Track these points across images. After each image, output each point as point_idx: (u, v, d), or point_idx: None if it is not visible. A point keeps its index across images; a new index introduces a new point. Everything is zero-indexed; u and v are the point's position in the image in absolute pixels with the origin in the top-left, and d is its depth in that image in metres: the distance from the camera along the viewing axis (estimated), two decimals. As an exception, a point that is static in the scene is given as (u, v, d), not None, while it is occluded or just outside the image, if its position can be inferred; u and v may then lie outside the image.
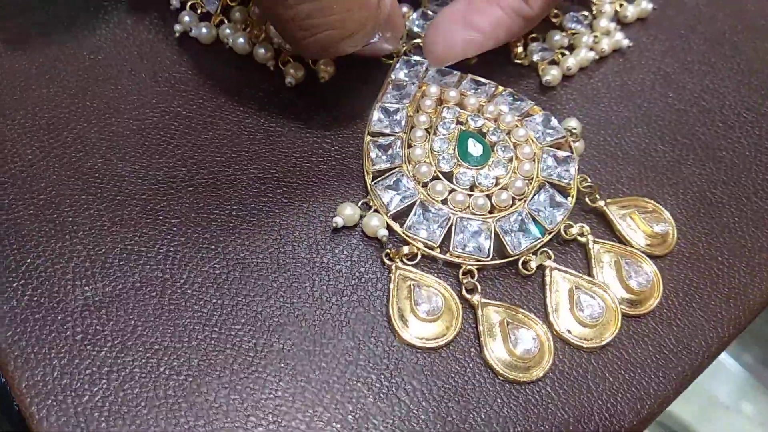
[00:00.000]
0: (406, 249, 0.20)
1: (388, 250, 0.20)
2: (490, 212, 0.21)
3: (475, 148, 0.21)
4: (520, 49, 0.25)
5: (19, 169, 0.21)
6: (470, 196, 0.21)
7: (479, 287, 0.20)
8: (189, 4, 0.24)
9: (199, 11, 0.24)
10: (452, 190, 0.21)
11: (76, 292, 0.19)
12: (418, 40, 0.25)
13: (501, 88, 0.23)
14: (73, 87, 0.22)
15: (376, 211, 0.21)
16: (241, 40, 0.23)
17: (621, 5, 0.27)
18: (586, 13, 0.27)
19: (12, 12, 0.24)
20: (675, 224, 0.22)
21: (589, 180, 0.22)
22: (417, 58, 0.24)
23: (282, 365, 0.18)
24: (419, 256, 0.20)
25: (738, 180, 0.24)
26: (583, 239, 0.21)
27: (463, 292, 0.20)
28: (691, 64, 0.26)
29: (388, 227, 0.20)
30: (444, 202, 0.21)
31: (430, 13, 0.25)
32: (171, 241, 0.20)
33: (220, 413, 0.18)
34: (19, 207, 0.20)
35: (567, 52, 0.25)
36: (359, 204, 0.21)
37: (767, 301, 0.21)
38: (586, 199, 0.22)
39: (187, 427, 0.17)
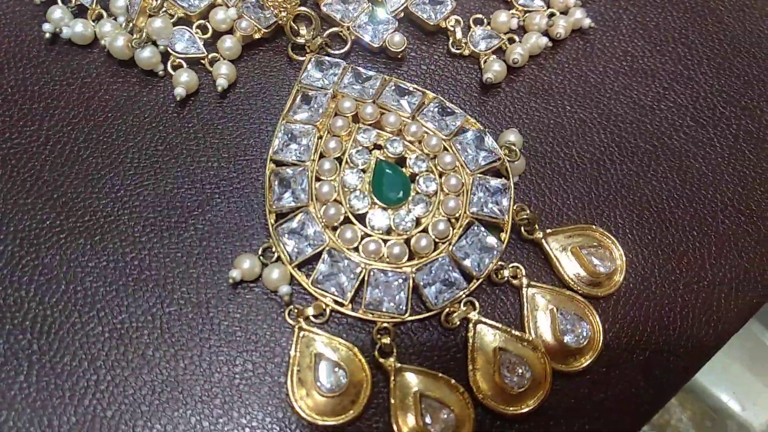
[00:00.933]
0: (311, 309, 0.17)
1: (291, 307, 0.18)
2: (409, 259, 0.18)
3: (392, 186, 0.18)
4: (459, 35, 0.21)
5: None
6: (385, 242, 0.18)
7: (395, 349, 0.17)
8: (57, -4, 0.20)
9: (71, 4, 0.20)
10: (365, 235, 0.18)
11: None
12: (336, 29, 0.21)
13: (430, 95, 0.20)
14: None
15: (279, 259, 0.18)
16: (120, 41, 0.20)
17: (583, -30, 0.23)
18: (539, -15, 0.22)
19: None
20: (624, 257, 0.19)
21: (527, 210, 0.19)
22: (330, 59, 0.20)
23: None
24: (328, 314, 0.18)
25: (705, 196, 0.21)
26: (516, 282, 0.18)
27: (376, 353, 0.17)
28: (664, 44, 0.22)
29: (292, 279, 0.18)
30: (356, 249, 0.18)
31: (350, -7, 0.21)
32: (39, 304, 0.17)
33: None
34: None
35: (516, 38, 0.22)
36: (260, 250, 0.18)
37: (720, 347, 0.19)
38: (523, 230, 0.19)
39: None
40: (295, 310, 0.18)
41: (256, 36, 0.21)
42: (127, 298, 0.18)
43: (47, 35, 0.20)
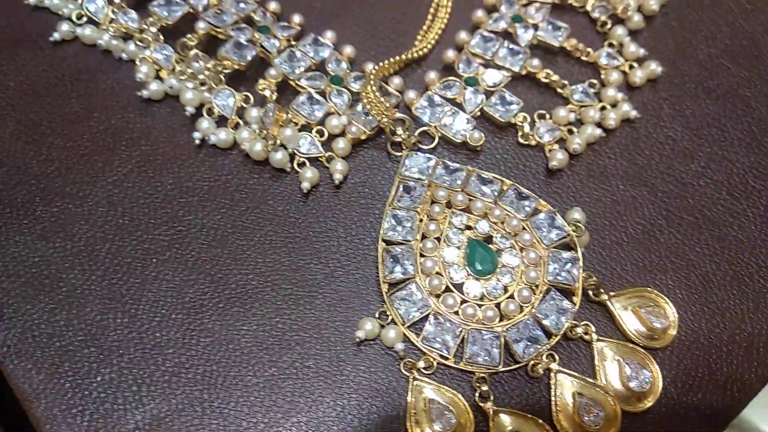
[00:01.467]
0: (421, 363, 0.22)
1: (406, 361, 0.22)
2: (500, 320, 0.22)
3: (483, 261, 0.22)
4: (527, 129, 0.26)
5: (65, 294, 0.23)
6: (480, 306, 0.22)
7: (492, 395, 0.22)
8: (204, 108, 0.26)
9: (214, 114, 0.26)
10: (463, 301, 0.22)
11: (128, 416, 0.21)
12: (425, 128, 0.26)
13: (507, 183, 0.24)
14: (103, 204, 0.24)
15: (393, 321, 0.22)
16: (258, 146, 0.25)
17: (630, 67, 0.27)
18: (594, 81, 0.27)
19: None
20: (677, 314, 0.23)
21: (594, 277, 0.23)
22: (423, 155, 0.25)
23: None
24: (435, 366, 0.22)
25: (741, 259, 0.24)
26: (587, 337, 0.22)
27: (477, 398, 0.22)
28: (700, 129, 0.27)
29: (405, 337, 0.22)
30: (456, 312, 0.22)
31: (436, 98, 0.26)
32: (206, 361, 0.22)
33: None
34: (69, 333, 0.22)
35: (574, 129, 0.26)
36: (377, 314, 0.23)
37: (762, 387, 0.23)
38: (591, 294, 0.23)
39: None
40: (409, 363, 0.22)
41: (362, 137, 0.25)
42: (275, 355, 0.22)
43: (197, 141, 0.25)
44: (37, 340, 0.22)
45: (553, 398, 0.22)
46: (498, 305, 0.22)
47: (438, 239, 0.23)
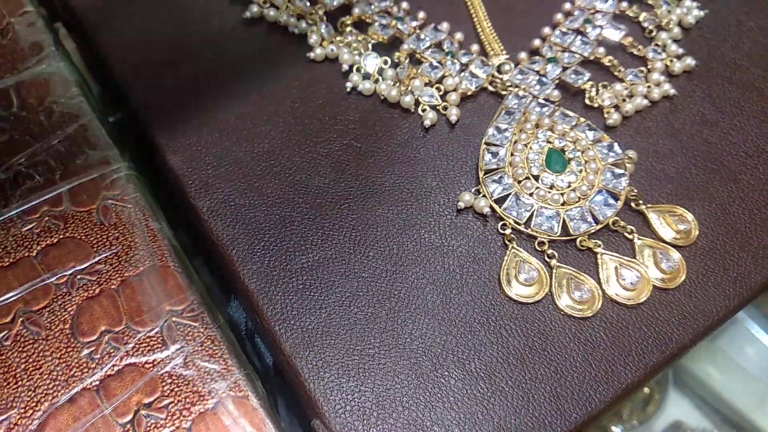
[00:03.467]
0: (508, 230, 0.30)
1: (504, 234, 0.30)
2: (562, 205, 0.30)
3: (556, 164, 0.31)
4: (594, 94, 0.35)
5: (253, 181, 0.32)
6: (549, 192, 0.31)
7: (557, 255, 0.30)
8: (354, 66, 0.35)
9: (362, 71, 0.35)
10: (537, 188, 0.31)
11: (297, 259, 0.30)
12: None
13: (582, 119, 0.33)
14: (282, 125, 0.34)
15: (484, 196, 0.31)
16: (393, 92, 0.34)
17: (671, 61, 0.36)
18: (642, 68, 0.36)
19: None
20: (699, 227, 0.31)
21: (635, 190, 0.31)
22: (523, 94, 0.34)
23: (422, 308, 0.29)
24: (510, 231, 0.30)
25: (752, 197, 0.32)
26: (630, 236, 0.30)
27: (545, 257, 0.30)
28: (724, 107, 0.35)
29: (491, 208, 0.31)
30: (531, 195, 0.31)
31: (525, 70, 0.35)
32: (352, 230, 0.31)
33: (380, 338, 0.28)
34: (256, 206, 0.32)
35: (627, 99, 0.35)
36: (473, 190, 0.31)
37: (766, 285, 0.30)
38: (632, 204, 0.31)
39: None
40: (508, 237, 0.30)
41: (469, 93, 0.35)
42: (400, 230, 0.31)
43: (348, 89, 0.35)
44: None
45: (600, 271, 0.29)
46: (562, 194, 0.31)
47: (526, 145, 0.32)
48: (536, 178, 0.31)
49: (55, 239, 0.31)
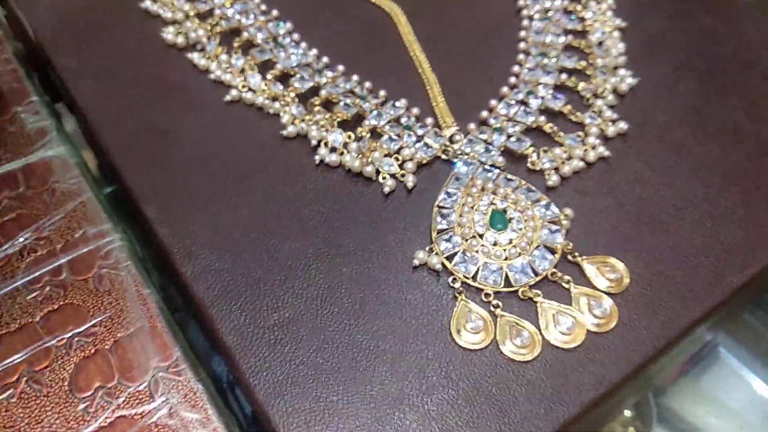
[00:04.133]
0: (458, 284, 0.34)
1: (454, 287, 0.34)
2: (505, 260, 0.34)
3: (499, 223, 0.35)
4: (535, 158, 0.39)
5: (231, 247, 0.36)
6: (493, 248, 0.34)
7: (501, 304, 0.33)
8: (322, 141, 0.40)
9: (329, 145, 0.40)
10: (482, 245, 0.34)
11: (269, 317, 0.34)
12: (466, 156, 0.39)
13: (523, 182, 0.37)
14: (258, 195, 0.38)
15: (436, 254, 0.35)
16: (357, 163, 0.38)
17: (606, 125, 0.40)
18: (580, 133, 0.40)
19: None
20: (630, 275, 0.34)
21: (571, 244, 0.35)
22: (470, 161, 0.38)
23: (381, 357, 0.32)
24: (460, 284, 0.34)
25: (681, 246, 0.36)
26: (567, 286, 0.34)
27: (491, 307, 0.33)
28: (656, 165, 0.39)
29: (443, 264, 0.34)
30: (477, 251, 0.34)
31: (474, 139, 0.40)
32: (319, 288, 0.34)
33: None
34: (233, 270, 0.35)
35: (566, 161, 0.39)
36: (427, 249, 0.35)
37: (693, 325, 0.33)
38: (568, 257, 0.35)
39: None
40: (458, 289, 0.34)
41: (424, 162, 0.39)
42: (367, 288, 0.34)
43: (317, 161, 0.39)
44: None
45: (540, 318, 0.33)
46: (505, 250, 0.34)
47: (472, 207, 0.36)
48: (481, 236, 0.35)
49: (55, 305, 0.35)
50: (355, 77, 0.43)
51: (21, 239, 0.37)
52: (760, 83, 0.43)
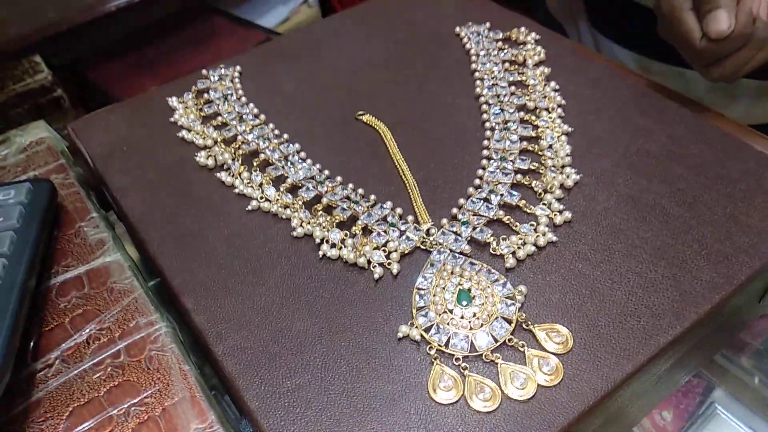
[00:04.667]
0: (433, 351, 0.42)
1: (430, 354, 0.42)
2: (470, 330, 0.43)
3: (464, 300, 0.44)
4: (496, 245, 0.48)
5: (253, 329, 0.45)
6: (461, 321, 0.43)
7: (468, 366, 0.41)
8: (324, 239, 0.49)
9: (329, 242, 0.49)
10: (452, 318, 0.43)
11: (284, 384, 0.42)
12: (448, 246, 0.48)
13: (485, 265, 0.46)
14: (274, 286, 0.47)
15: (416, 327, 0.43)
16: (352, 256, 0.48)
17: (554, 215, 0.49)
18: (533, 222, 0.49)
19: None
20: (574, 338, 0.42)
21: (524, 315, 0.43)
22: (443, 250, 0.47)
23: (372, 415, 0.40)
24: (435, 351, 0.42)
25: (615, 311, 0.44)
26: (522, 350, 0.42)
27: (461, 369, 0.41)
28: (596, 246, 0.48)
29: (421, 336, 0.43)
30: (448, 324, 0.43)
31: (446, 231, 0.49)
32: (323, 359, 0.43)
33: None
34: (255, 347, 0.44)
35: (521, 246, 0.48)
36: (408, 323, 0.43)
37: (628, 378, 0.41)
38: (523, 325, 0.43)
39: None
40: (433, 356, 0.42)
41: (406, 252, 0.48)
42: (359, 355, 0.43)
43: (320, 255, 0.49)
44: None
45: (500, 376, 0.41)
46: (470, 321, 0.43)
47: (443, 288, 0.44)
48: (451, 311, 0.44)
49: (116, 382, 0.44)
50: (350, 185, 0.53)
51: (87, 330, 0.47)
52: (686, 173, 0.52)
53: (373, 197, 0.52)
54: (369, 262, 0.48)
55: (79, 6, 1.00)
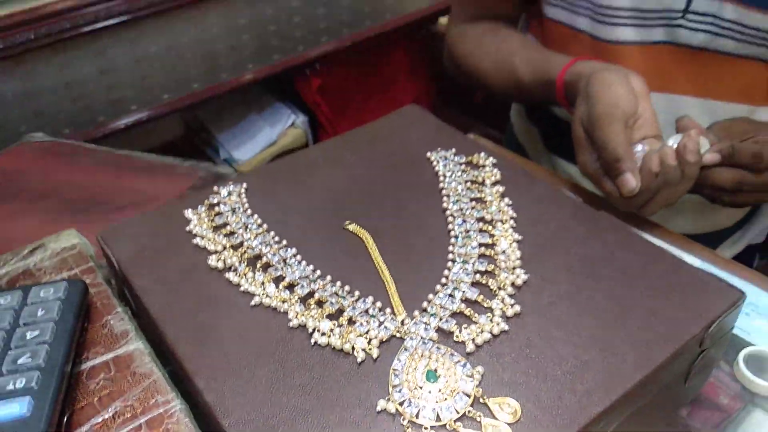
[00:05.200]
0: (406, 422, 0.51)
1: (403, 425, 0.51)
2: (437, 403, 0.52)
3: (432, 378, 0.53)
4: (458, 333, 0.58)
5: (257, 403, 0.54)
6: (429, 395, 0.52)
7: (433, 436, 0.50)
8: (315, 329, 0.59)
9: (320, 331, 0.59)
10: (422, 394, 0.52)
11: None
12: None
13: (449, 349, 0.55)
14: (274, 368, 0.56)
15: (392, 402, 0.52)
16: (338, 342, 0.57)
17: (507, 308, 0.60)
18: (489, 314, 0.59)
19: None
20: (522, 409, 0.52)
21: (481, 390, 0.53)
22: (414, 337, 0.57)
23: (357, 473, 0.49)
24: (407, 422, 0.51)
25: (555, 390, 0.53)
26: (478, 419, 0.51)
27: (428, 439, 0.50)
28: (543, 334, 0.58)
29: (396, 409, 0.52)
30: (419, 399, 0.52)
31: (417, 321, 0.59)
32: (315, 430, 0.52)
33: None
34: (259, 417, 0.53)
35: (479, 334, 0.58)
36: (386, 398, 0.52)
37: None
38: (480, 399, 0.52)
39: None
40: (403, 420, 0.51)
41: (384, 339, 0.58)
42: (338, 426, 0.52)
43: (313, 342, 0.58)
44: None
45: (461, 440, 0.50)
46: (436, 396, 0.52)
47: (414, 369, 0.54)
48: (421, 388, 0.53)
49: (138, 451, 0.52)
50: (338, 283, 0.63)
51: (113, 407, 0.55)
52: (614, 274, 0.63)
53: (357, 293, 0.62)
54: (353, 347, 0.57)
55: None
